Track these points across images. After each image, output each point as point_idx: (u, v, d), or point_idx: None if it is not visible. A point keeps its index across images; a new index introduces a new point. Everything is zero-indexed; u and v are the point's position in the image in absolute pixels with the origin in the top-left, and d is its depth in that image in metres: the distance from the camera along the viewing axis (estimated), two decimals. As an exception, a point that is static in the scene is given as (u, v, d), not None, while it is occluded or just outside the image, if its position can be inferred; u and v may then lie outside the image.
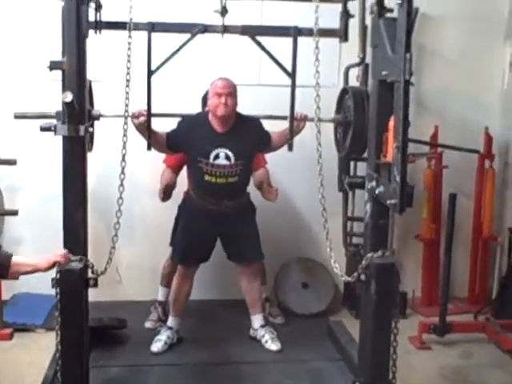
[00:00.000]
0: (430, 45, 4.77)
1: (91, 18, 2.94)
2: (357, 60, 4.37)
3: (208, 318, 4.44)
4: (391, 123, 2.62)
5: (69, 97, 2.67)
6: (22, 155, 4.25)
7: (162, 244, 4.30)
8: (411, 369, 3.71)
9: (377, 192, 2.78)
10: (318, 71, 2.93)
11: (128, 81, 2.98)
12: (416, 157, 4.36)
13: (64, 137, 2.80)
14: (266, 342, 3.98)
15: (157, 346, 3.89)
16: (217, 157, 3.63)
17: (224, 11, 3.21)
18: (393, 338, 2.89)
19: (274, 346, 3.95)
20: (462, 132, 4.80)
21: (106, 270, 2.95)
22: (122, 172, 3.00)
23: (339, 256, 3.25)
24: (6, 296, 4.33)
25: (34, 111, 3.08)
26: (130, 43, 2.99)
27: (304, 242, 4.83)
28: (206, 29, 3.21)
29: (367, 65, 4.19)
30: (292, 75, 3.30)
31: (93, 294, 3.05)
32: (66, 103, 2.69)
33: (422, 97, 4.80)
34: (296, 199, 4.81)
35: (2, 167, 4.13)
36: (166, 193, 4.08)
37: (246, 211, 3.91)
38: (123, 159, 2.99)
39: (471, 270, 4.90)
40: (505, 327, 4.17)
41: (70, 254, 2.85)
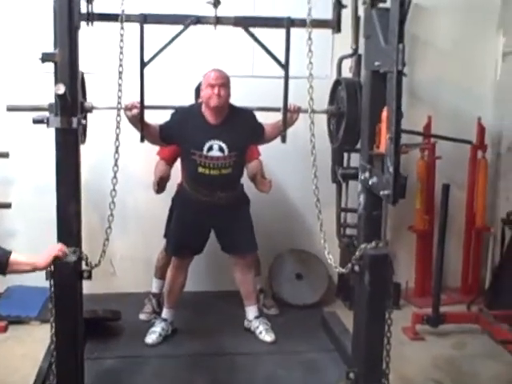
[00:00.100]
0: (423, 35, 4.76)
1: (83, 10, 2.92)
2: (350, 51, 4.37)
3: (202, 310, 4.45)
4: (384, 114, 2.62)
5: (61, 89, 2.66)
6: (14, 148, 4.25)
7: (156, 236, 4.30)
8: (405, 359, 3.73)
9: (370, 183, 2.78)
10: (311, 62, 2.94)
11: (120, 73, 2.97)
12: (409, 147, 4.36)
13: (57, 129, 2.79)
14: (261, 333, 3.99)
15: (151, 337, 3.89)
16: (210, 148, 3.63)
17: (217, 2, 3.19)
18: (386, 328, 2.90)
19: (268, 337, 3.97)
20: (455, 122, 4.81)
21: (99, 262, 2.95)
22: (116, 164, 2.99)
23: (333, 247, 3.25)
24: (-1, 289, 4.35)
25: (26, 104, 3.07)
26: (122, 35, 2.98)
27: (298, 234, 4.84)
28: (198, 20, 3.19)
29: (360, 56, 4.20)
30: (285, 66, 3.29)
31: (87, 287, 3.05)
32: (58, 95, 2.68)
33: (415, 87, 4.80)
34: (289, 191, 4.81)
35: (-5, 160, 4.13)
36: (160, 185, 4.07)
37: (239, 203, 3.91)
38: (116, 151, 2.98)
39: (464, 261, 4.92)
40: (498, 318, 4.20)
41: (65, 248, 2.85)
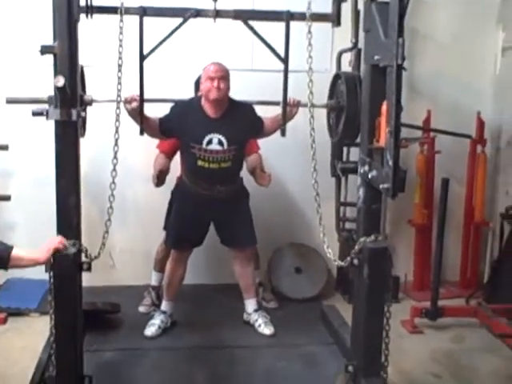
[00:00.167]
0: (423, 29, 4.74)
1: (82, 3, 2.92)
2: (349, 45, 4.36)
3: (202, 303, 4.46)
4: (384, 108, 2.62)
5: (61, 81, 2.66)
6: (14, 140, 4.25)
7: (155, 228, 4.31)
8: (403, 352, 3.74)
9: (369, 177, 2.78)
10: (310, 56, 2.94)
11: (120, 65, 2.97)
12: (409, 141, 4.36)
13: (56, 121, 2.79)
14: (260, 326, 4.00)
15: (151, 330, 3.90)
16: (210, 142, 3.63)
17: (216, -5, 3.19)
18: (385, 321, 2.90)
19: (267, 330, 3.98)
20: (455, 117, 4.80)
21: (99, 254, 2.95)
22: (115, 157, 2.99)
23: (332, 241, 3.26)
24: (-1, 281, 4.36)
25: (25, 96, 3.07)
26: (121, 28, 2.97)
27: (297, 227, 4.84)
28: (198, 13, 3.18)
29: (360, 50, 4.19)
30: (285, 60, 3.28)
31: (86, 279, 3.05)
32: (57, 88, 2.67)
33: (415, 81, 4.79)
34: (289, 184, 4.81)
35: (-6, 152, 4.13)
36: (159, 178, 4.07)
37: (239, 196, 3.92)
38: (116, 144, 2.98)
39: (463, 255, 4.93)
40: (496, 312, 4.21)
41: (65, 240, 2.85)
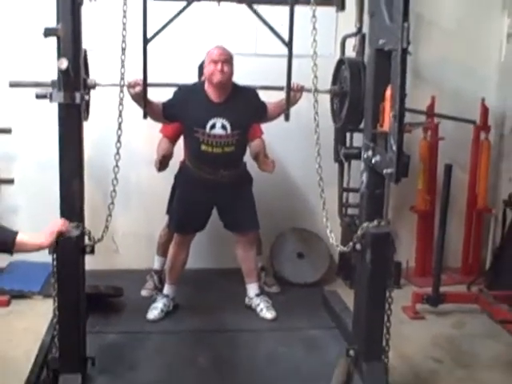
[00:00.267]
0: (428, 14, 4.72)
1: (86, -15, 2.91)
2: (353, 30, 4.33)
3: (204, 287, 4.47)
4: (388, 92, 2.62)
5: (64, 64, 2.66)
6: (17, 124, 4.25)
7: (158, 212, 4.31)
8: (404, 338, 3.75)
9: (373, 161, 2.78)
10: (315, 40, 2.93)
11: (124, 49, 2.97)
12: (412, 126, 4.35)
13: (60, 104, 2.79)
14: (261, 310, 4.01)
15: (153, 313, 3.91)
16: (213, 126, 3.62)
17: (221, -21, 3.18)
18: (387, 306, 2.92)
19: (269, 314, 3.98)
20: (459, 103, 4.78)
21: (102, 237, 2.97)
22: (118, 140, 3.01)
23: (334, 226, 3.25)
24: (2, 263, 4.37)
25: (28, 79, 3.07)
26: (125, 11, 2.97)
27: (299, 213, 4.84)
28: (202, -4, 3.19)
29: (364, 35, 4.17)
30: (289, 44, 3.27)
31: (89, 263, 3.07)
32: (61, 70, 2.67)
33: (419, 67, 4.76)
34: (291, 169, 4.81)
35: (-2, 136, 4.13)
36: (162, 163, 4.06)
37: (242, 181, 3.91)
38: (119, 128, 2.99)
39: (465, 241, 4.93)
40: (497, 298, 4.22)
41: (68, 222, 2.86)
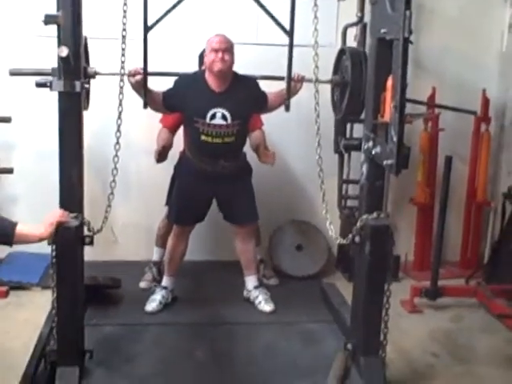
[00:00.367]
0: (429, 4, 4.67)
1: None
2: (355, 19, 4.31)
3: (202, 279, 4.47)
4: (389, 83, 2.60)
5: (64, 51, 2.64)
6: (17, 112, 4.22)
7: (158, 204, 4.29)
8: (402, 331, 3.75)
9: (373, 152, 2.77)
10: (316, 29, 2.91)
11: (124, 37, 2.95)
12: (413, 117, 4.33)
13: (60, 93, 2.78)
14: (260, 303, 4.00)
15: (151, 305, 3.90)
16: (213, 116, 3.60)
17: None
18: (385, 300, 2.92)
19: (267, 307, 3.97)
20: (460, 94, 4.75)
21: (101, 228, 2.96)
22: (118, 130, 3.00)
23: (333, 219, 3.24)
24: (1, 254, 4.35)
25: (29, 68, 3.05)
26: (125, -2, 2.96)
27: (298, 205, 4.83)
28: (203, -15, 3.17)
29: (365, 24, 4.15)
30: (290, 33, 3.25)
31: (88, 254, 3.05)
32: (61, 58, 2.66)
33: (420, 57, 4.73)
34: (291, 160, 4.78)
35: (-3, 125, 4.10)
36: (161, 154, 4.04)
37: (242, 172, 3.89)
38: (119, 117, 2.97)
39: (464, 235, 4.92)
40: (495, 292, 4.23)
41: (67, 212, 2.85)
